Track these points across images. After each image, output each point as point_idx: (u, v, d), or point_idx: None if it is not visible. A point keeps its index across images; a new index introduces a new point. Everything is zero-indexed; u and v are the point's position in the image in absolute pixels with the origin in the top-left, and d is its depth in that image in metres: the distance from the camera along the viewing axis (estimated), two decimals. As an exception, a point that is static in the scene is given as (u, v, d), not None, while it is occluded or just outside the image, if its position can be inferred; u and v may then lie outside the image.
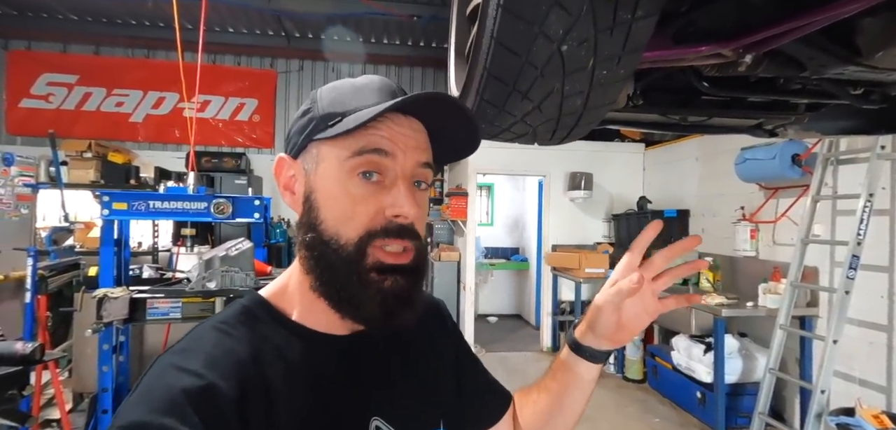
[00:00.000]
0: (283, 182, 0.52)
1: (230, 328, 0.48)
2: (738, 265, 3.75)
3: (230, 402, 0.42)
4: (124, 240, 2.45)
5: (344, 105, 0.48)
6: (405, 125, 0.49)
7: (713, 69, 0.87)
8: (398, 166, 0.48)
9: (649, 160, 5.22)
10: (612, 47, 0.56)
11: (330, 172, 0.48)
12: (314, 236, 0.48)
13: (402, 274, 0.47)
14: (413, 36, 5.16)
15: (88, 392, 2.91)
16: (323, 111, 0.49)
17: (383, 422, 0.51)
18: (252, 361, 0.45)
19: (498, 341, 5.45)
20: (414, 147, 0.49)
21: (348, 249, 0.46)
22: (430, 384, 0.59)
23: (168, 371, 0.42)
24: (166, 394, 0.40)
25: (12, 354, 1.23)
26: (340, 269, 0.46)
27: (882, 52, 0.67)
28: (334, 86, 0.51)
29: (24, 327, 2.79)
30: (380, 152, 0.47)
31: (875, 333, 2.71)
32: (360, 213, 0.46)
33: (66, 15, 4.83)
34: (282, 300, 0.52)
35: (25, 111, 4.97)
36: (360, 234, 0.46)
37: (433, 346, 0.63)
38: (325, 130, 0.47)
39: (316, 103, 0.50)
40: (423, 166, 0.50)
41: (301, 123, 0.51)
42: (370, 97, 0.48)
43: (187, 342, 0.46)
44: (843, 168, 2.92)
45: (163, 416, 0.38)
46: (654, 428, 3.35)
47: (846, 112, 1.26)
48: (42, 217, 4.10)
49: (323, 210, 0.48)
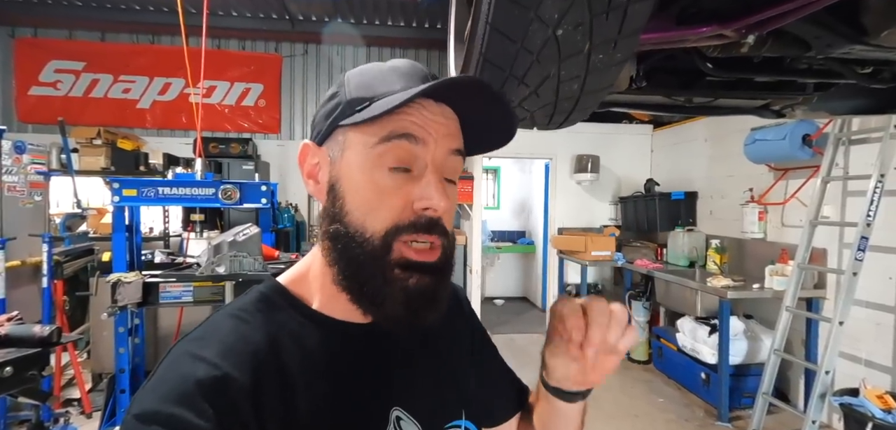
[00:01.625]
0: (307, 170, 0.50)
1: (248, 316, 0.47)
2: (745, 247, 3.72)
3: (244, 392, 0.41)
4: (135, 226, 2.50)
5: (373, 89, 0.46)
6: (437, 112, 0.46)
7: (716, 50, 0.86)
8: (429, 154, 0.45)
9: (657, 142, 5.15)
10: (608, 31, 0.55)
11: (356, 160, 0.45)
12: (338, 228, 0.46)
13: (428, 273, 0.45)
14: (416, 18, 5.09)
15: (107, 372, 3.01)
16: (350, 95, 0.46)
17: (404, 412, 0.50)
18: (269, 349, 0.44)
19: (504, 323, 5.50)
20: (445, 134, 0.46)
21: (374, 243, 0.44)
22: (451, 374, 0.58)
23: (183, 360, 0.42)
24: (180, 384, 0.40)
25: (31, 336, 1.28)
26: (365, 264, 0.45)
27: (888, 30, 0.66)
28: (363, 69, 0.49)
29: (43, 311, 2.88)
30: (410, 138, 0.44)
31: (882, 314, 2.70)
32: (388, 205, 0.44)
33: (72, 1, 4.84)
34: (301, 288, 0.50)
35: (35, 99, 5.01)
36: (386, 227, 0.44)
37: (454, 334, 0.61)
38: (352, 115, 0.45)
39: (343, 87, 0.48)
40: (455, 154, 0.47)
41: (327, 108, 0.48)
42: (400, 81, 0.46)
43: (204, 330, 0.46)
44: (855, 148, 2.87)
45: (175, 406, 0.38)
46: (659, 408, 3.38)
47: (855, 92, 1.24)
48: (55, 204, 4.18)
49: (348, 200, 0.46)
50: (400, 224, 0.44)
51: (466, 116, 0.48)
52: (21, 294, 3.02)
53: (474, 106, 0.47)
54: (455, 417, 0.56)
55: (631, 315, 0.52)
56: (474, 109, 0.47)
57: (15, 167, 3.12)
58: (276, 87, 5.36)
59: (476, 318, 0.68)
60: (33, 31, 5.03)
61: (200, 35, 2.49)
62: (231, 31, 5.20)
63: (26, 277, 3.09)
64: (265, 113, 5.36)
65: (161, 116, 5.20)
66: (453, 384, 0.57)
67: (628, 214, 4.92)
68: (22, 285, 3.07)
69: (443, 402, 0.55)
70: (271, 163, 5.06)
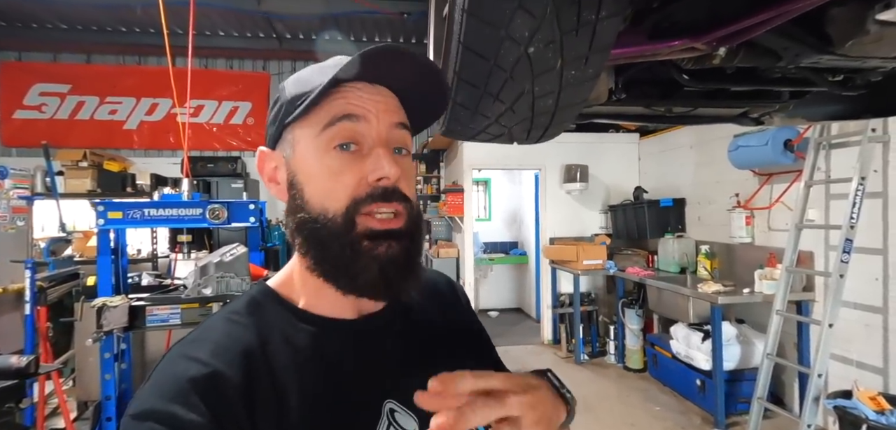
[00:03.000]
0: (267, 175, 0.52)
1: (238, 317, 0.48)
2: (734, 252, 3.76)
3: (236, 389, 0.42)
4: (121, 248, 2.46)
5: (309, 84, 0.48)
6: (373, 91, 0.48)
7: (690, 62, 0.88)
8: (373, 131, 0.47)
9: (644, 150, 5.22)
10: (579, 47, 0.56)
11: (307, 152, 0.47)
12: (302, 217, 0.47)
13: (395, 239, 0.46)
14: (404, 33, 5.15)
15: (92, 400, 2.93)
16: (289, 95, 0.49)
17: (398, 404, 0.50)
18: (259, 348, 0.46)
19: (499, 335, 5.47)
20: (385, 110, 0.48)
21: (337, 221, 0.46)
22: (446, 364, 0.57)
23: (177, 361, 0.43)
24: (174, 383, 0.41)
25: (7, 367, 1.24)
26: (331, 242, 0.46)
27: (852, 41, 0.67)
28: (297, 73, 0.52)
29: (25, 338, 2.80)
30: (351, 118, 0.46)
31: (870, 315, 2.73)
32: (343, 183, 0.46)
33: (56, 24, 4.82)
34: (288, 289, 0.52)
35: (19, 122, 4.96)
36: (346, 204, 0.46)
37: (449, 326, 0.61)
38: (294, 111, 0.48)
39: (283, 91, 0.50)
40: (399, 127, 0.49)
41: (273, 114, 0.51)
42: (331, 70, 0.47)
43: (198, 333, 0.47)
44: (835, 152, 2.92)
45: (170, 403, 0.40)
46: (656, 416, 3.37)
47: (831, 98, 1.26)
48: (40, 228, 4.11)
49: (306, 190, 0.47)
50: (357, 198, 0.46)
51: (404, 94, 0.50)
52: (3, 322, 2.95)
53: (406, 79, 0.49)
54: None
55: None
56: (408, 83, 0.49)
57: (-3, 193, 3.07)
58: (264, 105, 5.37)
59: (473, 312, 0.68)
60: (17, 54, 5.00)
61: (187, 55, 2.49)
62: (218, 50, 5.22)
63: (9, 304, 3.02)
64: (254, 131, 5.35)
65: (148, 137, 5.17)
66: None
67: (618, 222, 4.96)
68: (4, 313, 3.00)
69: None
70: (260, 180, 5.04)
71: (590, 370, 4.33)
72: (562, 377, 0.54)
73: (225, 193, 4.30)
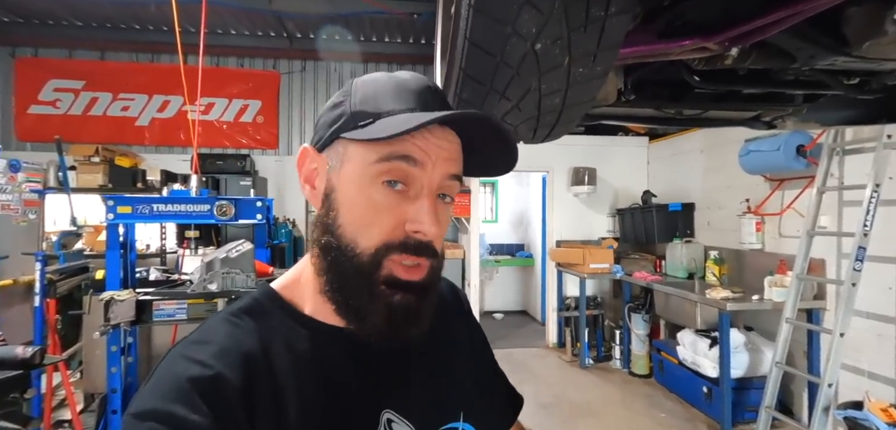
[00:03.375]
0: (305, 174, 0.51)
1: (240, 320, 0.48)
2: (744, 258, 3.70)
3: (237, 391, 0.42)
4: (130, 243, 2.48)
5: (378, 106, 0.46)
6: (441, 136, 0.46)
7: (701, 62, 0.86)
8: (426, 177, 0.45)
9: (653, 154, 5.17)
10: (587, 45, 0.55)
11: (354, 174, 0.46)
12: (330, 240, 0.46)
13: (413, 291, 0.46)
14: (413, 33, 5.15)
15: (99, 393, 2.96)
16: (355, 108, 0.46)
17: (395, 415, 0.50)
18: (260, 352, 0.46)
19: (504, 337, 5.44)
20: (445, 158, 0.46)
21: (363, 259, 0.45)
22: (447, 375, 0.57)
23: (178, 361, 0.43)
24: (175, 383, 0.41)
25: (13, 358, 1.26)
26: (352, 279, 0.45)
27: (869, 41, 0.66)
28: (370, 80, 0.49)
29: (35, 330, 2.85)
30: (409, 160, 0.44)
31: (883, 325, 2.67)
32: (380, 223, 0.45)
33: (72, 21, 4.89)
34: (293, 293, 0.51)
35: (34, 117, 5.04)
36: (376, 245, 0.45)
37: (450, 334, 0.60)
38: (354, 130, 0.45)
39: (349, 98, 0.47)
40: (452, 179, 0.47)
41: (331, 116, 0.48)
42: (407, 100, 0.46)
43: (199, 334, 0.47)
44: (849, 158, 2.87)
45: (171, 404, 0.40)
46: (661, 423, 3.33)
47: (845, 102, 1.24)
48: (52, 222, 4.17)
49: (342, 213, 0.46)
50: (390, 243, 0.45)
51: (469, 143, 0.49)
52: (14, 314, 2.99)
53: (479, 135, 0.47)
54: (451, 419, 0.55)
55: None
56: (478, 139, 0.48)
57: (9, 186, 3.12)
58: (274, 103, 5.40)
59: (474, 319, 0.67)
60: (34, 50, 5.08)
61: (199, 53, 2.51)
62: (229, 48, 5.26)
63: (19, 296, 3.07)
64: (263, 129, 5.39)
65: (159, 133, 5.23)
66: (450, 384, 0.56)
67: (626, 226, 4.91)
68: (15, 305, 3.05)
69: (438, 403, 0.54)
70: (269, 178, 5.07)
71: (595, 374, 4.29)
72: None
73: (233, 190, 4.33)
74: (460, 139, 0.48)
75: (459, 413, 0.55)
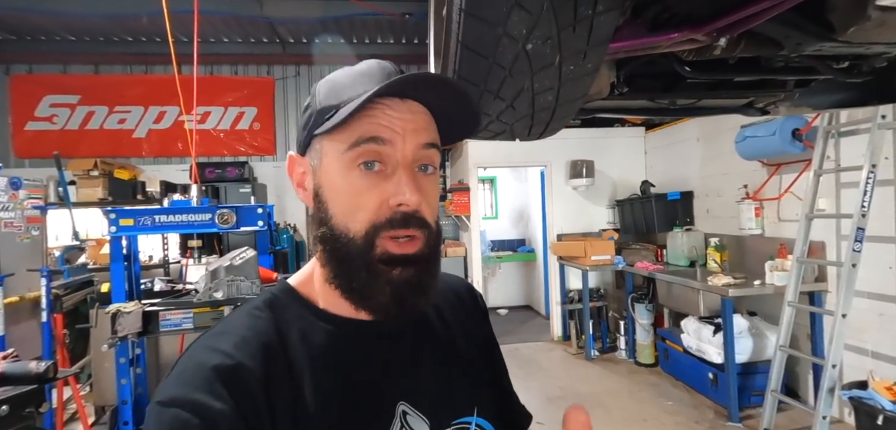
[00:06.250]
0: (296, 180, 0.53)
1: (259, 313, 0.50)
2: (744, 244, 3.71)
3: (257, 380, 0.44)
4: (134, 255, 2.50)
5: (339, 96, 0.48)
6: (403, 109, 0.47)
7: (691, 54, 0.87)
8: (398, 153, 0.47)
9: (650, 144, 5.18)
10: (577, 43, 0.56)
11: (332, 167, 0.48)
12: (325, 231, 0.49)
13: (410, 264, 0.47)
14: (406, 34, 5.16)
15: (109, 405, 2.99)
16: (320, 105, 0.49)
17: (410, 407, 0.51)
18: (279, 343, 0.47)
19: (509, 332, 5.46)
20: (413, 130, 0.48)
21: (357, 242, 0.47)
22: (462, 370, 0.58)
23: (201, 351, 0.45)
24: (198, 371, 0.43)
25: (27, 373, 1.27)
26: (351, 261, 0.47)
27: (854, 27, 0.67)
28: (331, 77, 0.51)
29: (43, 345, 2.86)
30: (377, 140, 0.46)
31: (885, 304, 2.68)
32: (364, 205, 0.47)
33: (65, 36, 4.90)
34: (308, 288, 0.53)
35: (31, 134, 5.06)
36: (366, 227, 0.47)
37: (466, 330, 0.61)
38: (323, 124, 0.48)
39: (314, 97, 0.50)
40: (427, 148, 0.49)
41: (304, 119, 0.51)
42: (365, 84, 0.48)
43: (221, 326, 0.49)
44: (845, 140, 2.88)
45: (195, 391, 0.41)
46: (668, 411, 3.35)
47: (837, 86, 1.25)
48: (54, 237, 4.19)
49: (331, 205, 0.48)
50: (378, 223, 0.47)
51: (435, 109, 0.50)
52: (21, 330, 3.01)
53: (438, 98, 0.49)
54: (465, 413, 0.55)
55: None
56: (439, 102, 0.49)
57: (11, 203, 3.13)
58: (269, 109, 5.41)
59: (490, 325, 0.67)
60: (28, 67, 5.09)
61: (192, 63, 2.53)
62: (223, 56, 5.27)
63: (26, 312, 3.09)
64: (260, 135, 5.40)
65: (157, 145, 5.24)
66: (464, 380, 0.57)
67: (626, 216, 4.92)
68: (22, 321, 3.07)
69: (452, 398, 0.55)
70: (268, 184, 5.09)
71: (600, 365, 4.31)
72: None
73: (233, 198, 4.34)
74: (430, 111, 0.50)
75: (473, 408, 0.56)
